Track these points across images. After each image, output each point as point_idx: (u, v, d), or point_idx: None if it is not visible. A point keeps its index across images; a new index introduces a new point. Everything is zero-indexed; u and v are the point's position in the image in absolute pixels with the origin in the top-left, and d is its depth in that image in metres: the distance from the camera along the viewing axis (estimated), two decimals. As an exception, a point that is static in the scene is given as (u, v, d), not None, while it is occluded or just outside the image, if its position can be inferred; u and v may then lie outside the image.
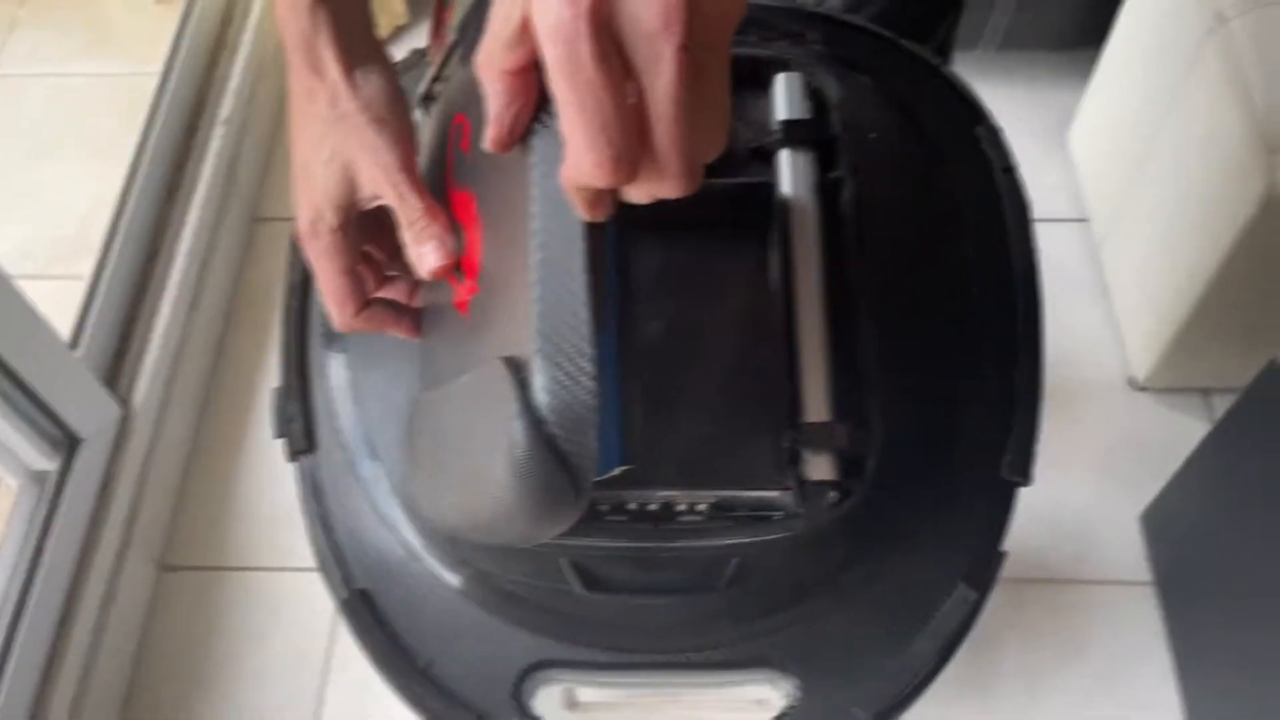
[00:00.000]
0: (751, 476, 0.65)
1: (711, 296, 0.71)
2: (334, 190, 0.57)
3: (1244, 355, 1.45)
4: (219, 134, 1.93)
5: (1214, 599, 1.48)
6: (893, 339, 0.69)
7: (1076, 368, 1.82)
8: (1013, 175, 0.78)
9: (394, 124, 0.58)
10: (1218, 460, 1.43)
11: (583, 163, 0.42)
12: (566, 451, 0.48)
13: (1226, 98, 1.40)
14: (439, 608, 0.69)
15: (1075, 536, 1.67)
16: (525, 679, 0.68)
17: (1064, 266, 1.90)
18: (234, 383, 1.87)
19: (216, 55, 2.02)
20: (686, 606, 0.67)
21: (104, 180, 1.80)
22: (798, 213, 0.71)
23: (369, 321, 0.61)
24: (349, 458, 0.72)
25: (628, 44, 0.41)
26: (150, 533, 1.67)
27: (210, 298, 1.87)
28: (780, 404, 0.66)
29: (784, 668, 0.67)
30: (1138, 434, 1.76)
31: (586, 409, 0.47)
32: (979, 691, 1.56)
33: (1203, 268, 1.49)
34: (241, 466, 1.79)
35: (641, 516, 0.65)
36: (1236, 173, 1.38)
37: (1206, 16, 1.45)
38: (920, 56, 0.84)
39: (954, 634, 0.68)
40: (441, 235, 0.56)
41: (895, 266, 0.73)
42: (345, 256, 0.59)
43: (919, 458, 0.69)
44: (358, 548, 0.71)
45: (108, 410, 1.59)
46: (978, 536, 0.69)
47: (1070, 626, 1.61)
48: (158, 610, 1.66)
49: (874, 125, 0.78)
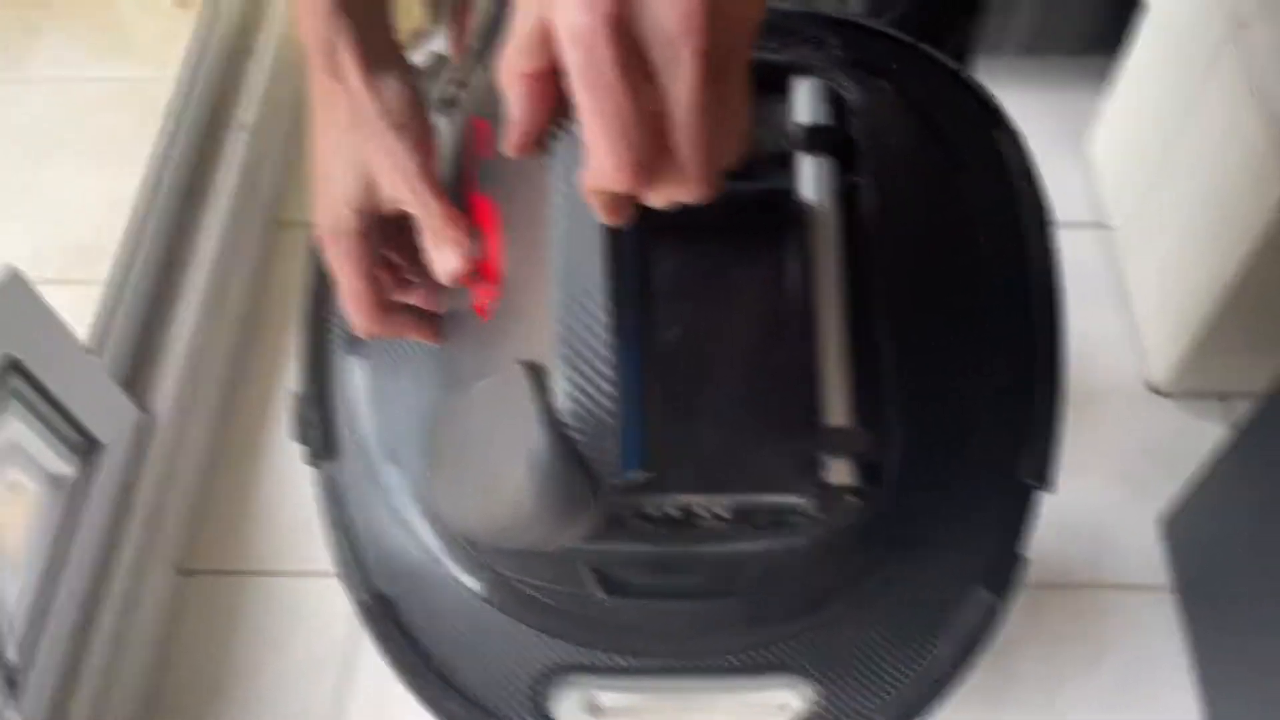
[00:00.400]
0: (772, 481, 0.65)
1: (731, 301, 0.71)
2: (354, 195, 0.58)
3: (1263, 360, 1.44)
4: (239, 138, 1.94)
5: (1234, 604, 1.47)
6: (912, 344, 0.69)
7: (1095, 372, 1.81)
8: (1032, 180, 0.78)
9: (414, 129, 0.58)
10: (1237, 465, 1.42)
11: (603, 167, 0.42)
12: (587, 456, 0.48)
13: (1246, 103, 1.40)
14: (459, 612, 0.69)
15: (1094, 541, 1.67)
16: (545, 684, 0.68)
17: (1083, 271, 1.89)
18: (254, 387, 1.88)
19: (236, 59, 2.03)
20: (707, 611, 0.67)
21: (121, 185, 1.80)
22: (817, 218, 0.71)
23: (389, 326, 0.61)
24: (369, 463, 0.72)
25: (648, 49, 0.41)
26: (170, 538, 1.67)
27: (230, 302, 1.88)
28: (800, 409, 0.66)
29: (804, 673, 0.67)
30: (1157, 438, 1.75)
31: (607, 413, 0.48)
32: (997, 698, 1.56)
33: (1222, 272, 1.48)
34: (261, 471, 1.79)
35: (661, 521, 0.65)
36: (1256, 177, 1.38)
37: (1226, 22, 1.45)
38: (940, 61, 0.84)
39: (975, 639, 0.67)
40: (462, 240, 0.56)
41: (915, 271, 0.73)
42: (365, 261, 0.59)
43: (940, 462, 0.69)
44: (377, 553, 0.71)
45: (128, 415, 1.60)
46: (998, 541, 0.69)
47: (1089, 632, 1.61)
48: (178, 615, 1.67)
49: (894, 130, 0.77)
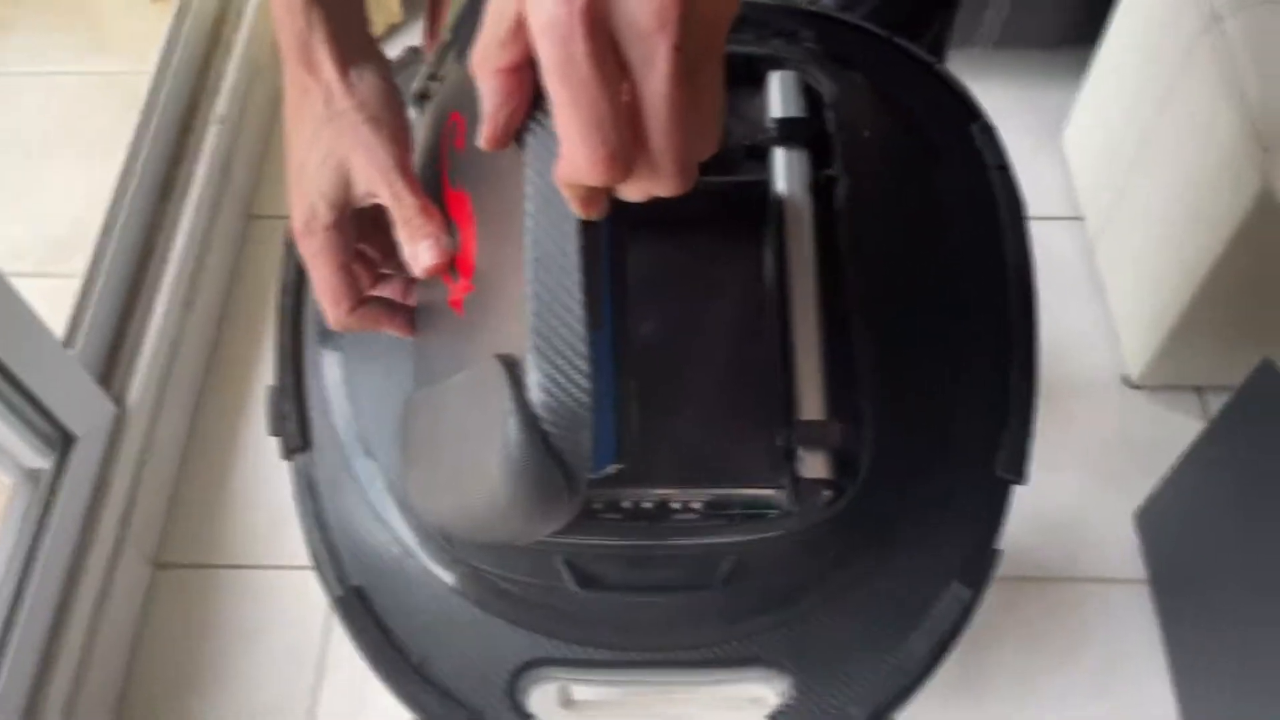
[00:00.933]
0: (746, 475, 0.65)
1: (706, 294, 0.71)
2: (328, 188, 0.57)
3: (1238, 353, 1.44)
4: (214, 132, 1.93)
5: (1208, 596, 1.48)
6: (887, 337, 0.70)
7: (1070, 366, 1.82)
8: (1007, 173, 0.78)
9: (389, 122, 0.58)
10: (1212, 458, 1.43)
11: (577, 160, 0.42)
12: (561, 449, 0.48)
13: (1221, 96, 1.40)
14: (433, 605, 0.69)
15: (1069, 535, 1.67)
16: (519, 677, 0.68)
17: (1058, 265, 1.90)
18: (228, 380, 1.87)
19: (211, 53, 2.02)
20: (681, 605, 0.67)
21: (98, 179, 1.79)
22: (792, 211, 0.71)
23: (363, 319, 0.61)
24: (343, 456, 0.72)
25: (622, 42, 0.41)
26: (145, 530, 1.66)
27: (205, 295, 1.87)
28: (775, 402, 0.66)
29: (779, 666, 0.67)
30: (1132, 432, 1.76)
31: (581, 407, 0.48)
32: (973, 690, 1.56)
33: (1197, 266, 1.49)
34: (236, 464, 1.79)
35: (636, 514, 0.65)
36: (1231, 171, 1.39)
37: (1201, 15, 1.45)
38: (914, 54, 0.84)
39: (949, 632, 0.67)
40: (436, 233, 0.56)
41: (889, 264, 0.73)
42: (340, 254, 0.59)
43: (913, 456, 0.69)
44: (352, 545, 0.71)
45: (102, 408, 1.59)
46: (972, 535, 0.69)
47: (1064, 625, 1.61)
48: (152, 608, 1.66)
49: (868, 123, 0.78)
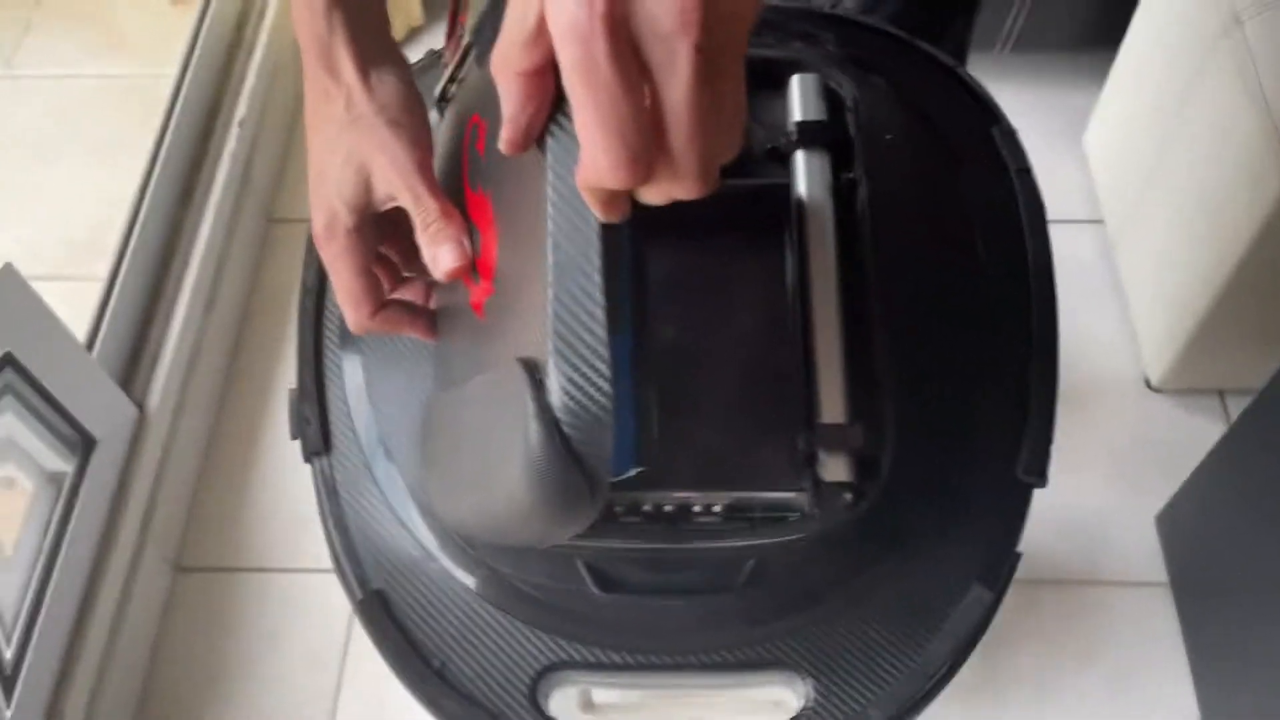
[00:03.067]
0: (767, 478, 0.65)
1: (727, 298, 0.71)
2: (349, 192, 0.58)
3: (1260, 356, 1.44)
4: (234, 135, 1.93)
5: (1230, 600, 1.47)
6: (908, 340, 0.69)
7: (1091, 369, 1.81)
8: (1028, 176, 0.78)
9: (410, 126, 0.58)
10: (1233, 461, 1.42)
11: (598, 163, 0.42)
12: (582, 453, 0.48)
13: (1241, 99, 1.40)
14: (455, 609, 0.69)
15: (1089, 538, 1.67)
16: (541, 680, 0.68)
17: (1079, 268, 1.89)
18: (249, 384, 1.88)
19: (232, 57, 2.02)
20: (702, 608, 0.67)
21: (117, 182, 1.79)
22: (813, 214, 0.71)
23: (384, 323, 0.61)
24: (364, 459, 0.72)
25: (643, 44, 0.41)
26: (166, 534, 1.67)
27: (226, 299, 1.87)
28: (796, 405, 0.66)
29: (799, 669, 0.67)
30: (1153, 435, 1.75)
31: (602, 410, 0.47)
32: (992, 693, 1.56)
33: (1218, 269, 1.48)
34: (257, 468, 1.79)
35: (657, 518, 0.65)
36: (1251, 173, 1.38)
37: (1221, 18, 1.45)
38: (935, 57, 0.84)
39: (969, 635, 0.67)
40: (457, 237, 0.56)
41: (910, 268, 0.73)
42: (361, 258, 0.59)
43: (934, 459, 0.69)
44: (373, 549, 0.71)
45: (123, 411, 1.60)
46: (993, 537, 0.69)
47: (1084, 628, 1.61)
48: (173, 611, 1.66)
49: (889, 126, 0.78)
